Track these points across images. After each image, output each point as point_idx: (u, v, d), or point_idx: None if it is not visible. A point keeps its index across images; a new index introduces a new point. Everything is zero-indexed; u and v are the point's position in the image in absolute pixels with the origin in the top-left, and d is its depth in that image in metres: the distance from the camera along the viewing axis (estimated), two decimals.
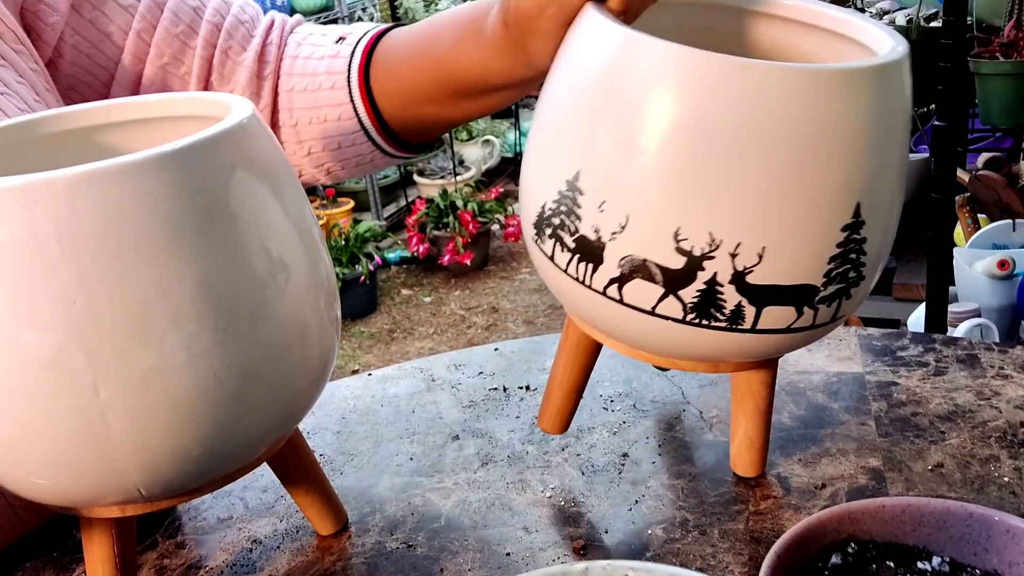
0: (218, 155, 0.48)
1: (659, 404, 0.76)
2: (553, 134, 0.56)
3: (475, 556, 0.61)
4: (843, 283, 0.54)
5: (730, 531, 0.60)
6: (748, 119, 0.49)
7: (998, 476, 0.62)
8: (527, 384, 0.81)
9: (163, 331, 0.46)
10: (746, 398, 0.63)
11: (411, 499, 0.67)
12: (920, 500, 0.48)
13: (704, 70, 0.49)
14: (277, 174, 0.53)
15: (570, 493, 0.66)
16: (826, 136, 0.49)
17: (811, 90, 0.49)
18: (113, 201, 0.44)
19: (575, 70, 0.56)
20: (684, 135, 0.50)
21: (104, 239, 0.44)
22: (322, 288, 0.55)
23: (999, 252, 1.62)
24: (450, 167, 3.91)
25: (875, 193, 0.52)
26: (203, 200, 0.47)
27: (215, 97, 0.57)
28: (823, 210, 0.51)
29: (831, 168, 0.50)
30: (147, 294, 0.45)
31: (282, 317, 0.51)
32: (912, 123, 0.57)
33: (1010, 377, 0.73)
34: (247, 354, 0.49)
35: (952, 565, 0.47)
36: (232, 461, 0.54)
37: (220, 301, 0.48)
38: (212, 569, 0.62)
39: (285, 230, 0.52)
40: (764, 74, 0.48)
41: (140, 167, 0.45)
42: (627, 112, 0.51)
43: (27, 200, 0.43)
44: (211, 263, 0.47)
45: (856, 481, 0.63)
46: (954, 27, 1.50)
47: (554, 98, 0.57)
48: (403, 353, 3.07)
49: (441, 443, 0.74)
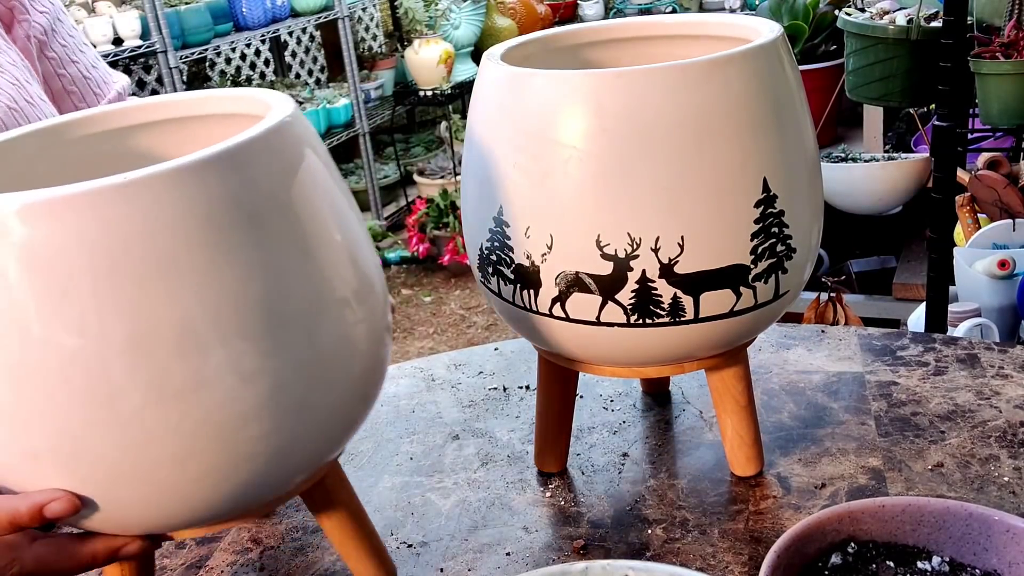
0: (265, 155, 0.45)
1: (659, 404, 0.76)
2: (474, 179, 0.60)
3: (475, 556, 0.61)
4: (773, 258, 0.56)
5: (730, 531, 0.60)
6: (637, 121, 0.53)
7: (998, 476, 0.62)
8: (527, 384, 0.81)
9: (207, 347, 0.43)
10: (724, 397, 0.63)
11: (411, 499, 0.67)
12: (920, 500, 0.48)
13: (587, 86, 0.53)
14: (326, 171, 0.49)
15: (570, 493, 0.66)
16: (714, 122, 0.53)
17: (688, 82, 0.52)
18: (159, 209, 0.41)
19: (478, 116, 0.60)
20: (582, 149, 0.53)
21: (149, 248, 0.41)
22: (376, 294, 0.51)
23: (999, 252, 1.62)
24: (450, 167, 3.91)
25: (781, 167, 0.55)
26: (251, 205, 0.43)
27: (248, 93, 0.54)
28: (730, 191, 0.54)
29: (727, 150, 0.54)
30: (190, 308, 0.42)
31: (338, 330, 0.47)
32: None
33: (1010, 377, 0.73)
34: (299, 371, 0.45)
35: (952, 565, 0.47)
36: (268, 491, 0.49)
37: (271, 315, 0.44)
38: (212, 569, 0.62)
39: (336, 231, 0.48)
40: (642, 77, 0.52)
41: (184, 172, 0.42)
42: (526, 140, 0.55)
43: (73, 209, 0.41)
44: (260, 273, 0.44)
45: (856, 481, 0.63)
46: (954, 27, 1.50)
47: (469, 147, 0.61)
48: (403, 353, 3.07)
49: (441, 443, 0.74)
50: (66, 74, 0.78)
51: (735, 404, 0.63)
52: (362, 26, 3.86)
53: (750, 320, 0.58)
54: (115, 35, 2.75)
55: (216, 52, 3.09)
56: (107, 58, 2.67)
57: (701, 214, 0.53)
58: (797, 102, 0.57)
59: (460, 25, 3.68)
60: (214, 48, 3.04)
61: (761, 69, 0.54)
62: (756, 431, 0.65)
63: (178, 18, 2.87)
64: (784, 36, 0.57)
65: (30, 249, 0.41)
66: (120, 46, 2.75)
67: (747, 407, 0.64)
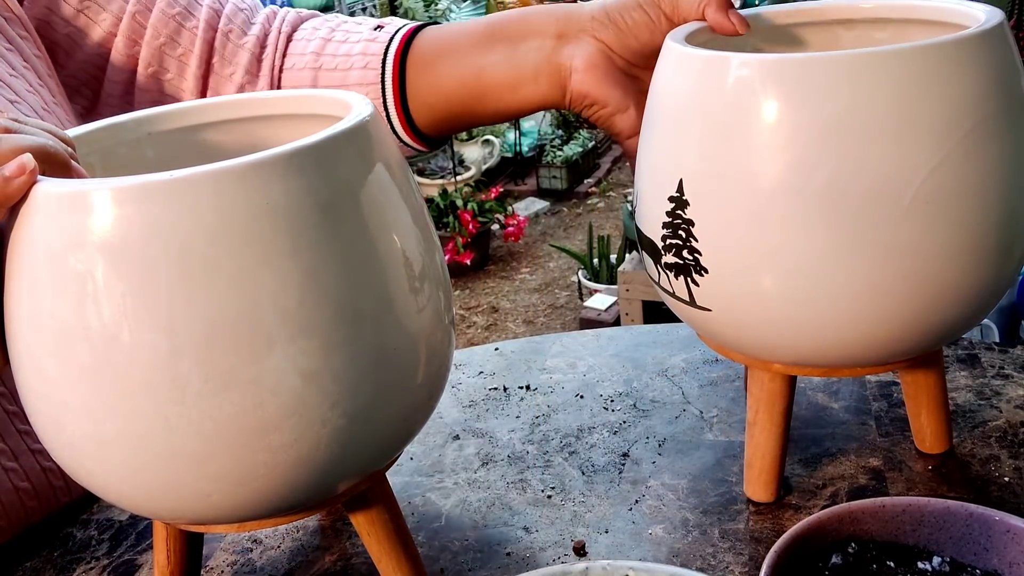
0: (342, 154, 0.45)
1: (659, 404, 0.76)
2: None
3: (475, 556, 0.61)
4: (680, 259, 0.56)
5: (730, 531, 0.60)
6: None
7: (998, 476, 0.62)
8: (527, 384, 0.81)
9: (271, 343, 0.43)
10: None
11: (411, 499, 0.67)
12: (920, 500, 0.48)
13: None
14: (400, 174, 0.50)
15: (570, 493, 0.66)
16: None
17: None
18: (234, 203, 0.41)
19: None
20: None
21: (219, 241, 0.41)
22: (443, 288, 0.52)
23: None
24: (450, 167, 3.91)
25: (698, 180, 0.53)
26: (326, 202, 0.44)
27: (322, 94, 0.55)
28: (659, 172, 0.55)
29: (657, 135, 0.56)
30: (259, 302, 0.42)
31: (408, 329, 0.47)
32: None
33: (1010, 377, 0.73)
34: (366, 369, 0.45)
35: (952, 565, 0.47)
36: (315, 494, 0.48)
37: (343, 311, 0.44)
38: (212, 569, 0.62)
39: (409, 231, 0.49)
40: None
41: (261, 168, 0.42)
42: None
43: (146, 200, 0.41)
44: (332, 269, 0.44)
45: (856, 481, 0.63)
46: None
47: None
48: None
49: (441, 443, 0.74)
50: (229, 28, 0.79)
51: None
52: None
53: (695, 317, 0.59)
54: None
55: None
56: None
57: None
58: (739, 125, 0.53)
59: None
60: None
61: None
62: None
63: None
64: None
65: (116, 236, 0.41)
66: None
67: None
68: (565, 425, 0.74)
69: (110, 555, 0.65)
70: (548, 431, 0.74)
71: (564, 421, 0.75)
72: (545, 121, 4.60)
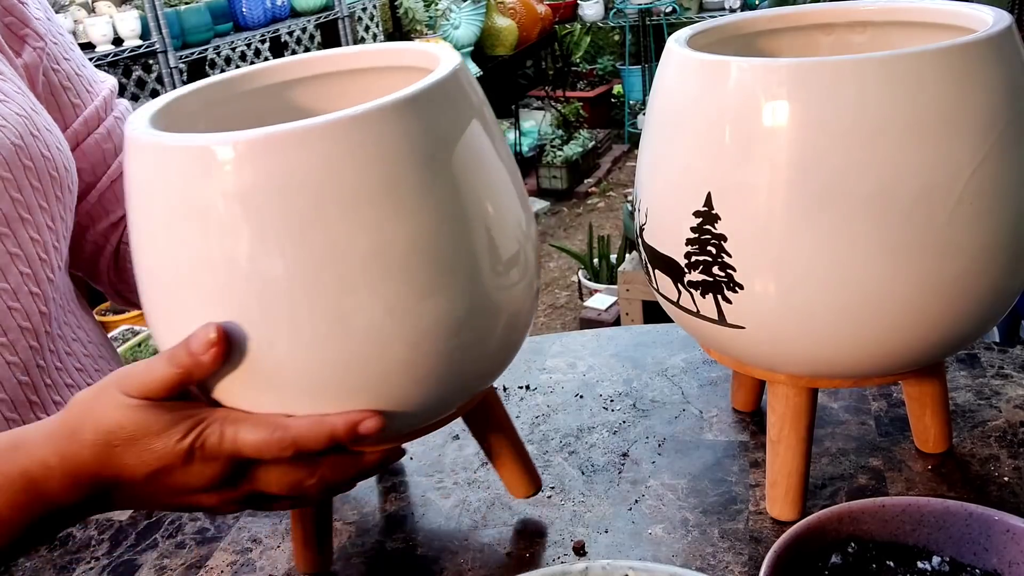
0: (443, 101, 0.48)
1: (659, 404, 0.76)
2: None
3: (475, 556, 0.61)
4: (709, 276, 0.53)
5: (730, 531, 0.60)
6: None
7: (998, 476, 0.62)
8: (527, 384, 0.81)
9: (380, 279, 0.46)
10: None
11: (411, 499, 0.67)
12: (920, 500, 0.48)
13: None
14: (491, 123, 0.52)
15: (570, 493, 0.66)
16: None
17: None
18: (337, 154, 0.44)
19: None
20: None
21: (324, 190, 0.44)
22: (532, 239, 0.55)
23: None
24: None
25: (730, 192, 0.51)
26: (425, 151, 0.47)
27: (411, 47, 0.58)
28: (679, 186, 0.54)
29: (678, 147, 0.54)
30: (359, 246, 0.45)
31: (508, 267, 0.51)
32: None
33: (1010, 377, 0.73)
34: (463, 307, 0.49)
35: (952, 565, 0.47)
36: (427, 415, 0.54)
37: (441, 256, 0.48)
38: (212, 569, 0.62)
39: (501, 179, 0.52)
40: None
41: (363, 119, 0.45)
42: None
43: (261, 152, 0.44)
44: (432, 217, 0.47)
45: (856, 481, 0.63)
46: None
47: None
48: None
49: (441, 443, 0.74)
50: (60, 70, 0.78)
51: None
52: (362, 26, 3.86)
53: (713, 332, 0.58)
54: (115, 35, 2.75)
55: (216, 52, 3.09)
56: (107, 58, 2.67)
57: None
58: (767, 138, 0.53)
59: (460, 25, 3.68)
60: (214, 48, 3.04)
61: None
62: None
63: (178, 18, 2.87)
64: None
65: (248, 184, 0.44)
66: (120, 46, 2.75)
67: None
68: (565, 425, 0.74)
69: (110, 555, 0.65)
70: (548, 431, 0.74)
71: (564, 421, 0.75)
72: (545, 121, 4.60)
